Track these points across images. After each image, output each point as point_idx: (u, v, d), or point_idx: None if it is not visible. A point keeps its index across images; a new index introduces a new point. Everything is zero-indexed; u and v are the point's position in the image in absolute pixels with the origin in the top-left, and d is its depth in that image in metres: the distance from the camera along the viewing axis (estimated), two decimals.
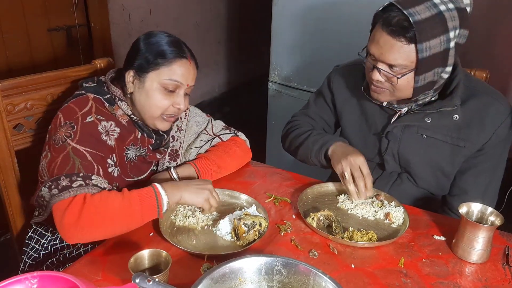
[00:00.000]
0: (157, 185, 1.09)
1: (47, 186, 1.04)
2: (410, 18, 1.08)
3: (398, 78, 1.16)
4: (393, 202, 1.27)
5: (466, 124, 1.25)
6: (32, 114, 1.32)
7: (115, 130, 1.19)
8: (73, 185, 1.02)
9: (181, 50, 1.19)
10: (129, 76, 1.19)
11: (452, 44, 1.12)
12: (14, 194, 1.33)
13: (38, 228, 1.25)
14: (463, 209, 1.08)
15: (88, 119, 1.13)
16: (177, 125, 1.40)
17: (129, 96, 1.22)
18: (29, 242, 1.25)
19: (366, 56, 1.23)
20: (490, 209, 1.08)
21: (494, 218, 1.07)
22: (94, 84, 1.23)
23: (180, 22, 3.71)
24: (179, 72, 1.17)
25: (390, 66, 1.16)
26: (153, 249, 0.95)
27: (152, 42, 1.18)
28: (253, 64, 4.76)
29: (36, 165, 1.16)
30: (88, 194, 1.02)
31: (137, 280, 0.79)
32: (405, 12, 1.08)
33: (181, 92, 1.20)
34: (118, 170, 1.19)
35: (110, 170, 1.16)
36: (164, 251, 0.95)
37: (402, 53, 1.12)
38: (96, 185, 1.05)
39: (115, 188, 1.16)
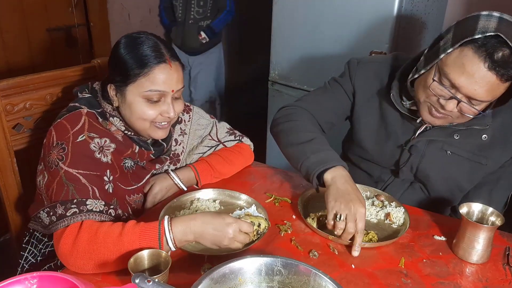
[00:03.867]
0: (165, 223, 0.97)
1: (45, 211, 1.03)
2: None
3: (482, 113, 1.09)
4: (394, 202, 1.26)
5: (491, 142, 1.21)
6: (31, 114, 1.32)
7: (110, 145, 1.13)
8: (68, 213, 0.99)
9: (159, 54, 1.08)
10: (111, 90, 1.13)
11: None
12: (14, 194, 1.32)
13: (36, 233, 1.23)
14: (463, 209, 1.08)
15: (80, 138, 1.08)
16: (180, 128, 1.37)
17: (117, 111, 1.16)
18: (27, 246, 1.24)
19: (425, 69, 1.12)
20: (490, 209, 1.08)
21: (495, 219, 1.07)
22: (88, 95, 1.17)
23: None
24: (159, 81, 1.08)
25: (472, 99, 1.05)
26: (153, 249, 0.95)
27: (127, 50, 1.09)
28: (253, 64, 4.76)
29: (36, 165, 1.16)
30: (87, 222, 0.99)
31: (137, 281, 0.78)
32: None
33: (167, 100, 1.11)
34: (111, 186, 1.12)
35: (106, 187, 1.10)
36: (164, 251, 0.94)
37: (496, 90, 1.03)
38: (91, 210, 1.01)
39: (112, 206, 1.08)
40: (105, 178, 1.11)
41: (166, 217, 0.99)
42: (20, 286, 0.74)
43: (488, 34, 0.99)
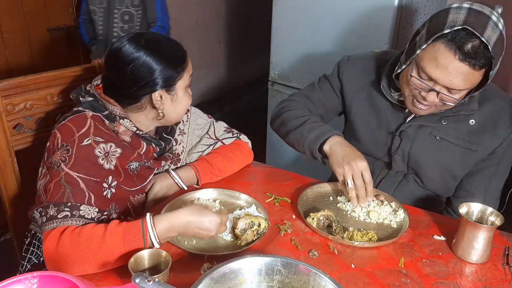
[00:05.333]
0: (148, 221, 0.98)
1: (38, 211, 1.03)
2: (489, 47, 1.03)
3: (462, 102, 1.14)
4: (393, 202, 1.27)
5: (479, 128, 1.24)
6: (31, 114, 1.32)
7: (116, 151, 1.13)
8: (59, 215, 1.00)
9: (181, 47, 1.18)
10: (158, 95, 1.13)
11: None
12: (14, 194, 1.33)
13: (38, 234, 1.24)
14: (463, 209, 1.08)
15: (85, 142, 1.08)
16: (179, 128, 1.37)
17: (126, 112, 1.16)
18: (29, 247, 1.24)
19: (406, 64, 1.18)
20: (490, 209, 1.08)
21: (494, 218, 1.07)
22: (91, 98, 1.17)
23: (180, 22, 3.71)
24: (190, 67, 1.19)
25: (451, 89, 1.11)
26: (153, 249, 0.95)
27: (160, 52, 1.11)
28: (253, 64, 4.76)
29: (36, 165, 1.16)
30: (70, 227, 0.98)
31: (137, 280, 0.79)
32: (483, 39, 1.02)
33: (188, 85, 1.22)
34: (111, 191, 1.12)
35: (105, 193, 1.10)
36: (164, 251, 0.94)
37: (471, 79, 1.08)
38: (83, 216, 1.02)
39: (106, 213, 1.08)
40: (105, 184, 1.10)
41: (148, 215, 0.99)
42: (21, 286, 0.74)
43: (456, 28, 1.05)
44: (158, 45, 1.13)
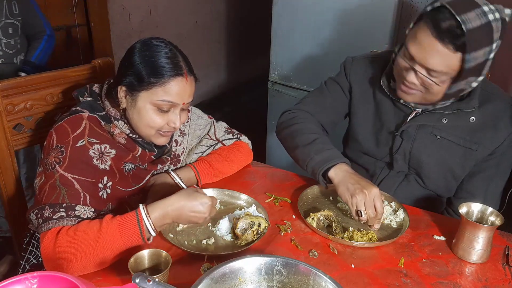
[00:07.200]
0: (142, 210, 1.00)
1: (34, 213, 1.03)
2: (463, 26, 1.03)
3: (438, 85, 1.13)
4: (393, 202, 1.27)
5: (480, 127, 1.25)
6: (31, 114, 1.32)
7: (110, 152, 1.13)
8: (54, 216, 1.00)
9: (177, 66, 1.09)
10: (121, 91, 1.12)
11: (492, 55, 1.09)
12: (14, 194, 1.33)
13: (36, 234, 1.24)
14: (463, 209, 1.09)
15: (80, 143, 1.07)
16: (180, 129, 1.36)
17: (123, 113, 1.16)
18: (27, 247, 1.24)
19: (399, 49, 1.20)
20: (490, 209, 1.09)
21: (494, 218, 1.07)
22: (90, 98, 1.16)
23: (180, 22, 3.71)
24: (173, 92, 1.09)
25: (429, 70, 1.12)
26: (153, 249, 0.95)
27: (146, 56, 1.08)
28: (253, 64, 4.77)
29: (36, 165, 1.16)
30: (65, 227, 0.99)
31: (137, 280, 0.79)
32: (458, 18, 1.03)
33: (176, 111, 1.13)
34: (107, 192, 1.12)
35: (100, 194, 1.10)
36: (164, 251, 0.95)
37: (446, 60, 1.08)
38: (79, 216, 1.02)
39: (103, 213, 1.08)
40: (100, 185, 1.11)
41: (141, 205, 1.01)
42: (21, 286, 0.74)
43: (436, 5, 1.08)
44: (149, 52, 1.09)
